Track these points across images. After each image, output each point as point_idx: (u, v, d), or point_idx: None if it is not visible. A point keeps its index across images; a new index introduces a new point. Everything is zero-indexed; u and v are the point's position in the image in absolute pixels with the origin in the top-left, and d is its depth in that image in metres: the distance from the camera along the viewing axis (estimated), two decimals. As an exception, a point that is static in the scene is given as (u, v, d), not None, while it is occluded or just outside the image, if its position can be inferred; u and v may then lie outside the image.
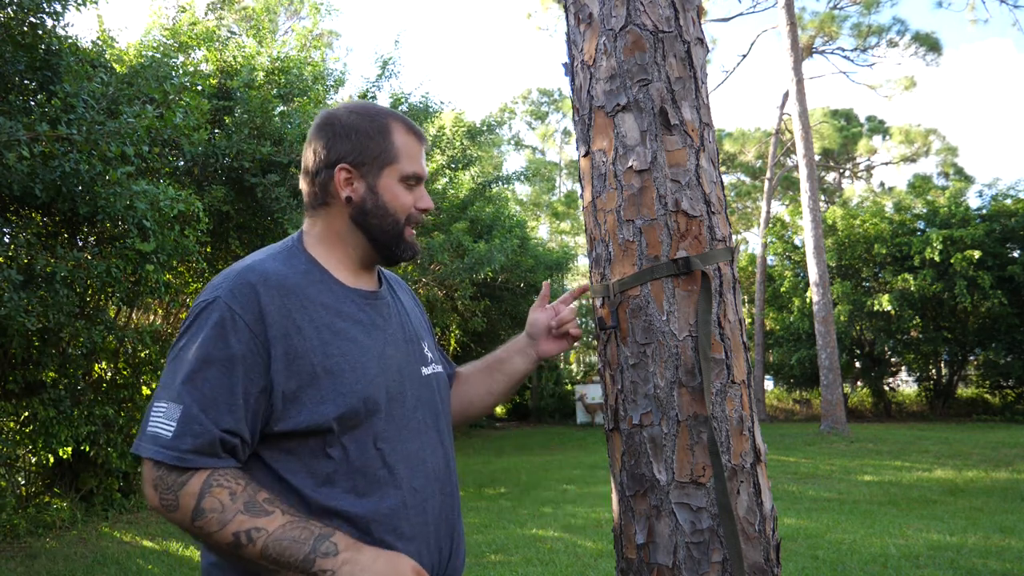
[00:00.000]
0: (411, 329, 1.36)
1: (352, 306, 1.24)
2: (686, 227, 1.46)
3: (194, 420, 1.08)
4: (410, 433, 1.24)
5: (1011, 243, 16.79)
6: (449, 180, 12.17)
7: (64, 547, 5.53)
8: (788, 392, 20.82)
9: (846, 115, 26.71)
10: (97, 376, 7.04)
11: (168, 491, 1.08)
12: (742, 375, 1.47)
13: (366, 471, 1.17)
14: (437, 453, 1.29)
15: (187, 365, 1.11)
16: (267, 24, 9.51)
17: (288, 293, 1.17)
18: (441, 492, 1.28)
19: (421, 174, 1.31)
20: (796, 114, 13.72)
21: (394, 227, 1.29)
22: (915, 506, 6.79)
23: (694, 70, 1.53)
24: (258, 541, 1.07)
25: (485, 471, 10.11)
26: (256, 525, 1.07)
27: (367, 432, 1.18)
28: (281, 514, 1.09)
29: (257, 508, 1.08)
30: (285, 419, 1.13)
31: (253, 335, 1.12)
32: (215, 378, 1.10)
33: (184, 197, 5.80)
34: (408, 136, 1.31)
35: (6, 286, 4.84)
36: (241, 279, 1.16)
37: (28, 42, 5.56)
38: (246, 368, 1.11)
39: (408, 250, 1.32)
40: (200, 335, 1.12)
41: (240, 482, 1.10)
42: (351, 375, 1.17)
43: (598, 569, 4.81)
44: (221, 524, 1.07)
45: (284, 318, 1.14)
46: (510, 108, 32.11)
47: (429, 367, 1.35)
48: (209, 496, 1.08)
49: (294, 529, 1.08)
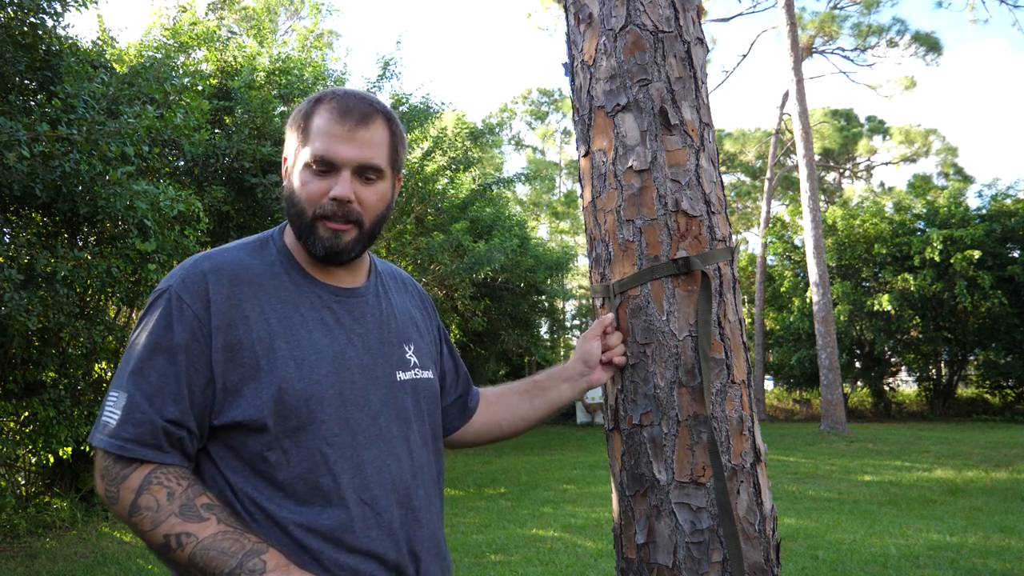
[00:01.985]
0: (393, 331, 1.26)
1: (315, 302, 1.18)
2: (686, 227, 1.46)
3: (136, 408, 1.06)
4: (367, 440, 1.15)
5: (1011, 243, 16.80)
6: (450, 181, 12.17)
7: (64, 547, 5.53)
8: (788, 392, 20.84)
9: (846, 115, 26.72)
10: (97, 376, 7.03)
11: (112, 483, 1.06)
12: (742, 375, 1.47)
13: (307, 477, 1.10)
14: (401, 463, 1.19)
15: (135, 354, 1.09)
16: (267, 24, 9.51)
17: (241, 283, 1.13)
18: (402, 506, 1.17)
19: (329, 157, 1.13)
20: (796, 114, 13.72)
21: (299, 218, 1.16)
22: (915, 506, 6.79)
23: (694, 70, 1.53)
24: (187, 547, 1.03)
25: (485, 471, 10.11)
26: (187, 530, 1.03)
27: (311, 435, 1.10)
28: (216, 522, 1.04)
29: (192, 512, 1.04)
30: (224, 412, 1.09)
31: (200, 324, 1.09)
32: (160, 367, 1.07)
33: (184, 197, 5.80)
34: (329, 116, 1.15)
35: (6, 286, 4.84)
36: (195, 268, 1.13)
37: (28, 42, 5.56)
38: (190, 358, 1.08)
39: (319, 245, 1.15)
40: (150, 324, 1.10)
41: (182, 483, 1.06)
42: (295, 371, 1.10)
43: (598, 569, 4.81)
44: (154, 524, 1.04)
45: (231, 308, 1.10)
46: (510, 108, 32.13)
47: (409, 372, 1.25)
48: (147, 493, 1.04)
49: (225, 540, 1.03)
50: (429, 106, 11.45)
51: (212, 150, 7.38)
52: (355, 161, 1.15)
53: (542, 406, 1.47)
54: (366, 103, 1.18)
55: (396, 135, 1.22)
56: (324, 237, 1.15)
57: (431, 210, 11.75)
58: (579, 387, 1.46)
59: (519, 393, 1.49)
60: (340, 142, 1.14)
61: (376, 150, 1.17)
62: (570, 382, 1.46)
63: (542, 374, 1.49)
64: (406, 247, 10.41)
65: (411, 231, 10.68)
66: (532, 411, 1.48)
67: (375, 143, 1.17)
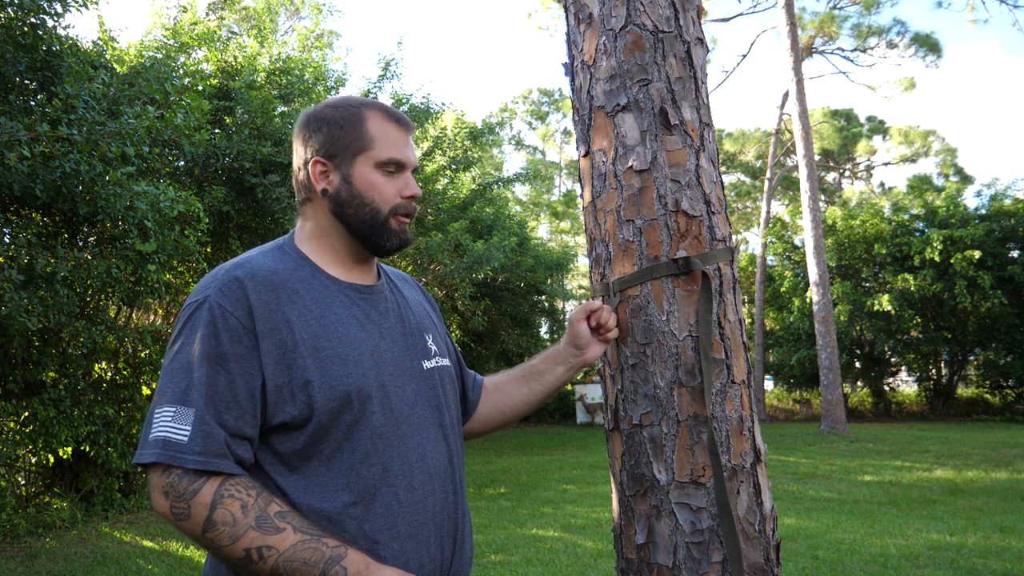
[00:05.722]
0: (413, 322, 1.33)
1: (344, 300, 1.22)
2: (686, 227, 1.46)
3: (203, 422, 1.07)
4: (409, 428, 1.21)
5: (1011, 243, 16.80)
6: (450, 181, 12.18)
7: (64, 547, 5.53)
8: (788, 392, 20.83)
9: (846, 115, 26.74)
10: (97, 376, 7.04)
11: (180, 499, 1.05)
12: (742, 375, 1.48)
13: (360, 468, 1.14)
14: (439, 449, 1.25)
15: (186, 367, 1.09)
16: (268, 24, 9.50)
17: (276, 288, 1.16)
18: (443, 489, 1.24)
19: (401, 160, 1.26)
20: (796, 114, 13.72)
21: (373, 216, 1.24)
22: (915, 506, 6.79)
23: (694, 70, 1.53)
24: (269, 560, 1.04)
25: (485, 471, 10.10)
26: (267, 543, 1.05)
27: (363, 427, 1.15)
28: (292, 531, 1.06)
29: (269, 524, 1.05)
30: (277, 414, 1.12)
31: (245, 331, 1.11)
32: (214, 378, 1.08)
33: (184, 197, 5.80)
34: (386, 122, 1.27)
35: (6, 286, 4.84)
36: (229, 276, 1.15)
37: (29, 43, 5.56)
38: (242, 366, 1.10)
39: (394, 239, 1.27)
40: (195, 336, 1.11)
41: (251, 493, 1.07)
42: (341, 368, 1.14)
43: (598, 569, 4.81)
44: (233, 539, 1.05)
45: (273, 313, 1.13)
46: (510, 108, 32.13)
47: (432, 360, 1.32)
48: (221, 508, 1.05)
49: (305, 550, 1.05)
50: (429, 106, 11.45)
51: (212, 150, 7.38)
52: (415, 163, 1.31)
53: (540, 389, 1.52)
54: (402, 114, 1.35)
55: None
56: (397, 231, 1.27)
57: (431, 210, 11.76)
58: (573, 366, 1.51)
59: (516, 379, 1.54)
60: (405, 146, 1.28)
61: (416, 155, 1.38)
62: (564, 364, 1.50)
63: (537, 358, 1.54)
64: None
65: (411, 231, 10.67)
66: (531, 395, 1.52)
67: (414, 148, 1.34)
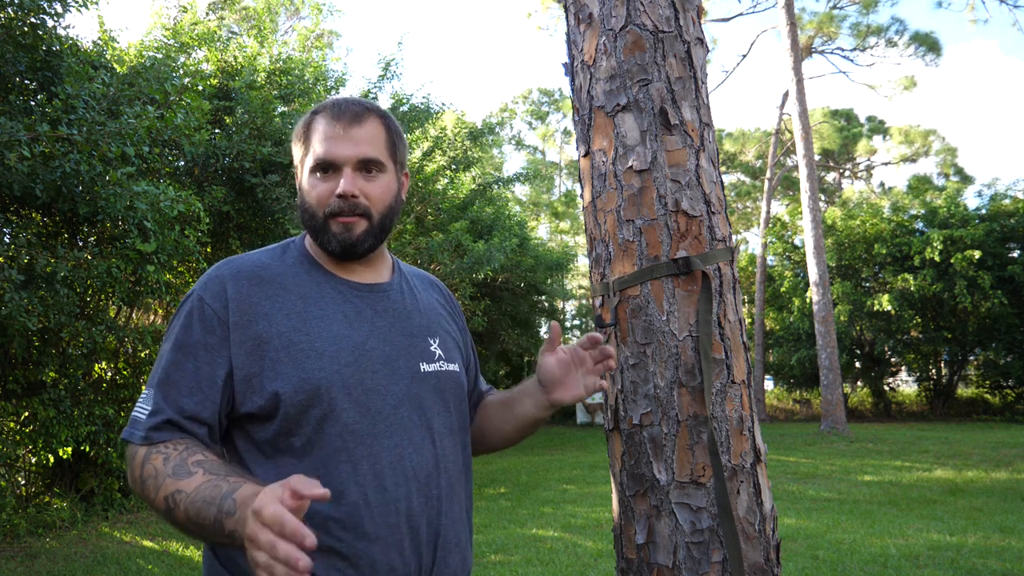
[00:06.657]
0: (417, 324, 1.30)
1: (335, 296, 1.23)
2: (686, 227, 1.46)
3: (161, 402, 1.12)
4: (388, 428, 1.18)
5: (1011, 243, 16.80)
6: (450, 181, 12.18)
7: (64, 547, 5.53)
8: (788, 392, 20.83)
9: (846, 115, 26.72)
10: (97, 376, 7.03)
11: (130, 468, 1.11)
12: (742, 375, 1.47)
13: (328, 464, 1.13)
14: (422, 452, 1.20)
15: (162, 355, 1.17)
16: (268, 24, 9.50)
17: (263, 282, 1.20)
18: (422, 494, 1.18)
19: (327, 159, 1.20)
20: (796, 114, 13.72)
21: (312, 220, 1.23)
22: (915, 506, 6.79)
23: (694, 70, 1.53)
24: (180, 504, 1.00)
25: (485, 471, 10.10)
26: (179, 487, 1.01)
27: (333, 423, 1.14)
28: (203, 474, 1.01)
29: (183, 470, 1.03)
30: (246, 402, 1.14)
31: (220, 322, 1.16)
32: (183, 364, 1.14)
33: (184, 197, 5.81)
34: (325, 122, 1.22)
35: (6, 286, 4.84)
36: (215, 272, 1.21)
37: (29, 43, 5.56)
38: (210, 354, 1.14)
39: (334, 241, 1.22)
40: (176, 326, 1.19)
41: (179, 447, 1.07)
42: (315, 362, 1.15)
43: (598, 569, 4.81)
44: (156, 490, 1.04)
45: (253, 305, 1.17)
46: (510, 108, 32.12)
47: (434, 364, 1.28)
48: (148, 463, 1.07)
49: (208, 488, 0.99)
50: (430, 106, 11.45)
51: (212, 150, 7.38)
52: (353, 158, 1.21)
53: (512, 419, 1.40)
54: (358, 105, 1.25)
55: (391, 130, 1.27)
56: (336, 232, 1.22)
57: (431, 210, 11.75)
58: (541, 404, 1.35)
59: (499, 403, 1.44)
60: (337, 142, 1.20)
61: (372, 144, 1.23)
62: (532, 399, 1.37)
63: (518, 386, 1.41)
64: (406, 247, 10.41)
65: (411, 231, 10.68)
66: (505, 424, 1.42)
67: (370, 138, 1.23)
